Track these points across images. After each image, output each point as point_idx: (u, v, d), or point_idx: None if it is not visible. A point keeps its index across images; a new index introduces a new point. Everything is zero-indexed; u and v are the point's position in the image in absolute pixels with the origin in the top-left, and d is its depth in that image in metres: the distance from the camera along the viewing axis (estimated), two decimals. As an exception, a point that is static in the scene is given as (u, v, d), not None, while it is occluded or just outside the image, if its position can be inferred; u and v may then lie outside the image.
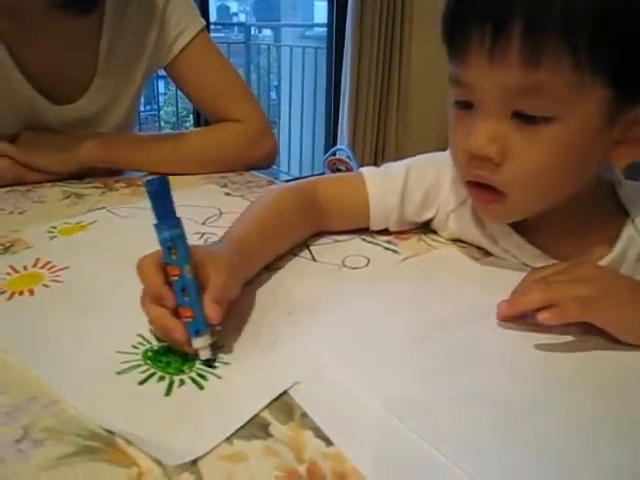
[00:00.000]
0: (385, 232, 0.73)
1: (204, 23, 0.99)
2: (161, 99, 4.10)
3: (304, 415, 0.41)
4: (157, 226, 0.48)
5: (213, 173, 0.98)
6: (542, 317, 0.49)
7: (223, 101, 1.00)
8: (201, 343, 0.46)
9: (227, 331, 0.51)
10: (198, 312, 0.47)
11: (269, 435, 0.39)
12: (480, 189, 0.59)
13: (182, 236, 0.48)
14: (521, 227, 0.64)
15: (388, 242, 0.71)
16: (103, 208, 0.81)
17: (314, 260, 0.66)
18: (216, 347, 0.48)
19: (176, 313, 0.47)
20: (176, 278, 0.47)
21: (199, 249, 0.51)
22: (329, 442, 0.39)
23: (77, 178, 0.94)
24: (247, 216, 0.64)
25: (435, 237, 0.73)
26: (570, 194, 0.58)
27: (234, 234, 0.60)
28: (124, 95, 1.00)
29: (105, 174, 0.96)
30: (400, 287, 0.61)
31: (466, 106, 0.57)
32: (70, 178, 0.94)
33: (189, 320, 0.46)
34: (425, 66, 3.26)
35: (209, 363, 0.46)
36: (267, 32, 4.68)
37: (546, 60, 0.49)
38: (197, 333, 0.46)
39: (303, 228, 0.69)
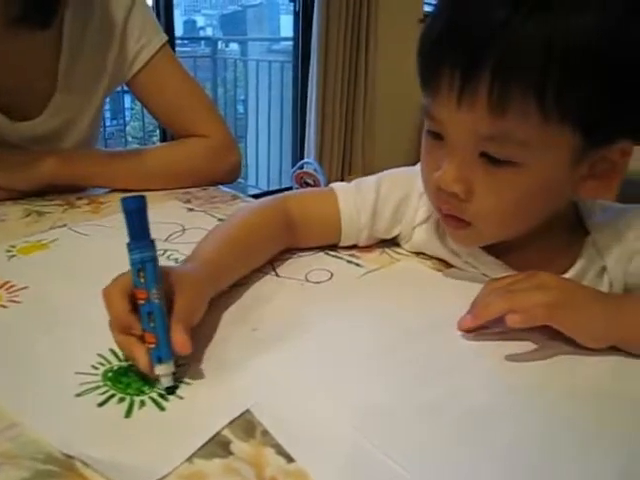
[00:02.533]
0: (349, 246, 0.73)
1: (166, 38, 0.99)
2: (127, 114, 4.07)
3: (265, 432, 0.41)
4: (129, 246, 0.47)
5: (177, 188, 0.97)
6: (511, 319, 0.50)
7: (186, 116, 1.00)
8: (163, 371, 0.45)
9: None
10: (162, 339, 0.45)
11: (230, 453, 0.39)
12: (448, 216, 0.60)
13: (153, 259, 0.47)
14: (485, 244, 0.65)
15: (351, 255, 0.71)
16: (65, 226, 0.80)
17: (277, 276, 0.66)
18: (178, 365, 0.47)
19: (143, 338, 0.46)
20: (143, 302, 0.46)
21: (166, 271, 0.50)
22: (290, 459, 0.39)
23: (38, 195, 0.92)
24: (217, 234, 0.64)
25: (398, 250, 0.73)
26: (537, 224, 0.60)
27: (201, 252, 0.59)
28: (86, 111, 0.99)
29: (67, 191, 0.94)
30: (363, 300, 0.62)
31: (437, 137, 0.57)
32: (31, 195, 0.92)
33: (152, 346, 0.45)
34: (391, 80, 3.31)
35: (171, 391, 0.45)
36: (234, 46, 4.69)
37: (513, 108, 0.50)
38: (159, 360, 0.45)
39: (274, 245, 0.68)
